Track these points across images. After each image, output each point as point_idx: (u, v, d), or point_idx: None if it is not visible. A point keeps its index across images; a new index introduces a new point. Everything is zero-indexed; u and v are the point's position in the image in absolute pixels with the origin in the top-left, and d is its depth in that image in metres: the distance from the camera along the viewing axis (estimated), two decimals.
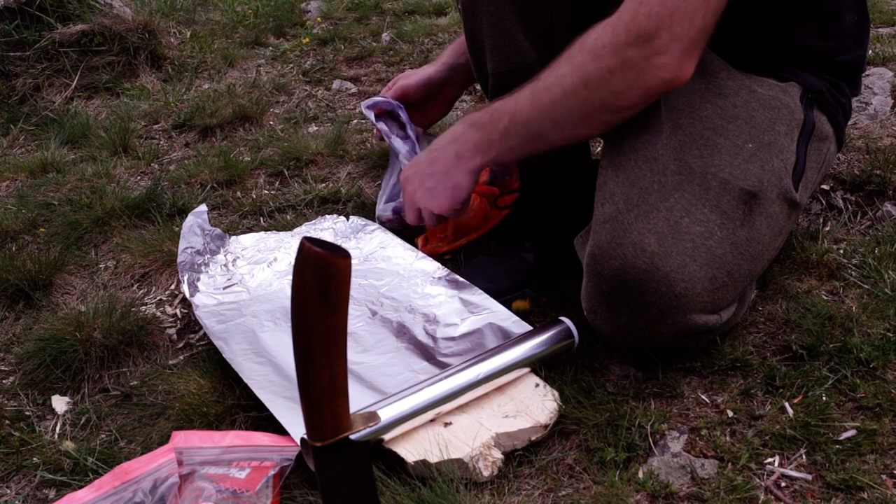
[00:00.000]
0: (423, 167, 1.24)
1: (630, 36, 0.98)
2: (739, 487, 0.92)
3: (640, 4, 0.97)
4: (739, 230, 1.05)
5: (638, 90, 1.01)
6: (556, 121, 1.07)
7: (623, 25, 0.98)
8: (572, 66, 1.04)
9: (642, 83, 1.00)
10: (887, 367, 1.06)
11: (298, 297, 0.76)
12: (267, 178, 1.88)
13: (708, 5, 0.97)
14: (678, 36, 0.96)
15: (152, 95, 2.47)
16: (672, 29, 0.96)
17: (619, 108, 1.04)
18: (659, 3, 0.96)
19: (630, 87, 1.01)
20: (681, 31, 0.96)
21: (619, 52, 0.99)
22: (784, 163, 1.11)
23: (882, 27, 2.24)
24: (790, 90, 1.16)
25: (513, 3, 1.16)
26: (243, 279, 1.40)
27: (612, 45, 0.99)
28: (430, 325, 1.22)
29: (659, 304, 1.01)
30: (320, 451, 0.85)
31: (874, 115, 1.67)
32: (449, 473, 0.96)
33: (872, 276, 1.22)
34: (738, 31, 1.16)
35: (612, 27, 1.00)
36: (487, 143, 1.16)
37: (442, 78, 1.55)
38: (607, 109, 1.04)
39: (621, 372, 1.13)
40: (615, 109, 1.04)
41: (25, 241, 1.68)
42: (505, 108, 1.12)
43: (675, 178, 1.04)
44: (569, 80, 1.04)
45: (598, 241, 1.04)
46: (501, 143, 1.14)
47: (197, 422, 1.11)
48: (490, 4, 1.18)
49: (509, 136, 1.12)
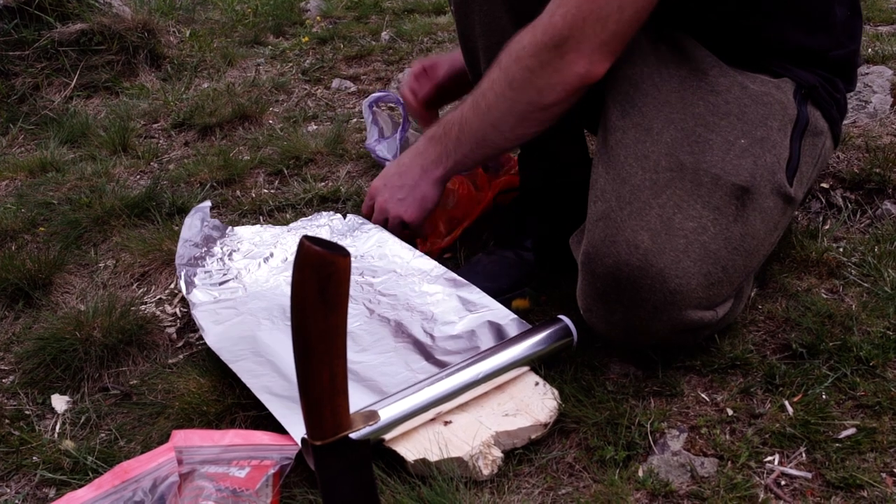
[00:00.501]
0: (393, 180, 1.31)
1: (546, 37, 1.05)
2: (739, 486, 0.92)
3: (558, 6, 1.05)
4: (733, 225, 1.05)
5: (558, 86, 1.08)
6: (494, 124, 1.15)
7: (541, 27, 1.06)
8: (500, 70, 1.11)
9: (560, 79, 1.07)
10: (887, 365, 1.06)
11: (298, 295, 0.76)
12: (266, 177, 1.88)
13: (622, 13, 1.03)
14: (589, 37, 1.04)
15: (152, 94, 2.47)
16: (584, 30, 1.03)
17: (547, 106, 1.10)
18: (575, 6, 1.03)
19: (550, 85, 1.07)
20: (592, 33, 1.03)
21: (537, 53, 1.06)
22: (777, 158, 1.11)
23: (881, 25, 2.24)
24: (783, 86, 1.16)
25: (504, 2, 1.17)
26: (239, 274, 1.40)
27: (530, 45, 1.07)
28: (429, 324, 1.22)
29: (654, 301, 1.01)
30: (320, 449, 0.85)
31: (874, 114, 1.67)
32: (449, 472, 0.96)
33: (872, 274, 1.23)
34: (728, 28, 1.17)
35: (533, 29, 1.07)
36: (445, 153, 1.23)
37: None
38: (535, 107, 1.10)
39: (621, 370, 1.13)
40: (543, 107, 1.10)
41: (25, 240, 1.68)
42: (454, 119, 1.20)
43: (667, 174, 1.05)
44: (498, 84, 1.12)
45: (592, 239, 1.04)
46: (456, 152, 1.22)
47: (197, 421, 1.11)
48: (482, 4, 1.18)
49: (462, 145, 1.20)
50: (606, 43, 1.05)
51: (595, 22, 1.03)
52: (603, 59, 1.06)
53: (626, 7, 1.03)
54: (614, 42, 1.05)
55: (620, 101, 1.12)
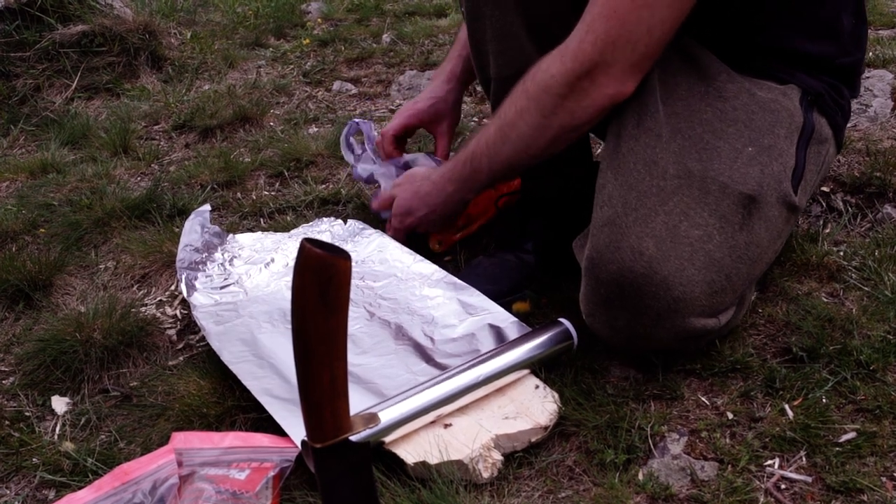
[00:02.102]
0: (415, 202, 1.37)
1: (576, 64, 1.06)
2: (739, 489, 0.92)
3: (587, 32, 1.05)
4: (738, 234, 1.05)
5: (590, 108, 1.09)
6: (527, 150, 1.16)
7: (570, 54, 1.06)
8: (528, 99, 1.12)
9: (591, 102, 1.08)
10: (887, 369, 1.06)
11: (299, 298, 0.76)
12: (267, 179, 1.88)
13: (651, 35, 1.03)
14: (619, 60, 1.05)
15: (153, 96, 2.47)
16: (614, 55, 1.04)
17: (578, 126, 1.12)
18: (604, 31, 1.03)
19: (582, 107, 1.09)
20: (622, 56, 1.04)
21: (568, 82, 1.07)
22: (783, 166, 1.11)
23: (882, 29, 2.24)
24: (790, 93, 1.16)
25: (516, 6, 1.17)
26: (240, 279, 1.40)
27: (560, 74, 1.07)
28: (429, 327, 1.22)
29: (657, 308, 1.01)
30: (320, 452, 0.85)
31: (874, 118, 1.67)
32: (449, 475, 0.96)
33: (872, 278, 1.22)
34: (734, 35, 1.17)
35: (561, 57, 1.08)
36: (473, 183, 1.27)
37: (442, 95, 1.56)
38: (567, 129, 1.12)
39: (621, 374, 1.13)
40: (574, 128, 1.12)
41: (25, 241, 1.68)
42: (480, 152, 1.21)
43: (674, 181, 1.04)
44: (529, 113, 1.12)
45: (597, 244, 1.04)
46: (489, 179, 1.25)
47: (197, 423, 1.11)
48: (494, 9, 1.18)
49: (494, 173, 1.23)
50: (636, 64, 1.06)
51: (625, 45, 1.03)
52: (633, 79, 1.07)
53: (655, 29, 1.03)
54: (644, 62, 1.06)
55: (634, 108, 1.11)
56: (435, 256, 1.44)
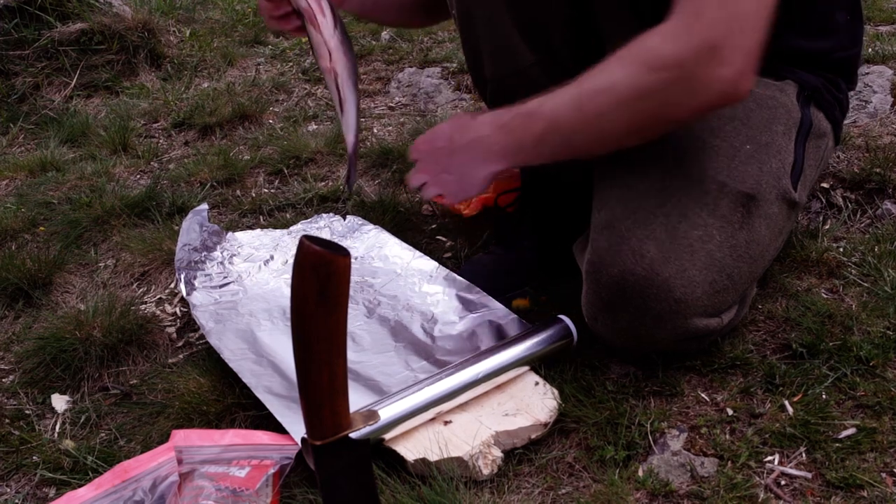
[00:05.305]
0: (443, 156, 1.12)
1: (692, 45, 0.91)
2: (739, 486, 0.92)
3: (698, 13, 0.91)
4: (738, 233, 1.05)
5: (695, 103, 0.95)
6: (600, 131, 1.00)
7: (685, 34, 0.92)
8: (625, 74, 0.96)
9: (700, 96, 0.94)
10: (887, 365, 1.06)
11: (298, 295, 0.76)
12: (266, 177, 1.88)
13: (760, 14, 0.92)
14: (740, 46, 0.91)
15: (152, 94, 2.47)
16: (734, 39, 0.90)
17: (668, 122, 0.99)
18: (717, 7, 0.90)
19: (687, 100, 0.95)
20: (741, 41, 0.91)
21: (680, 63, 0.92)
22: (782, 163, 1.10)
23: (882, 25, 2.24)
24: (786, 88, 1.16)
25: (508, 8, 1.15)
26: (240, 277, 1.40)
27: (673, 55, 0.92)
28: (428, 324, 1.22)
29: (659, 310, 1.00)
30: (320, 449, 0.84)
31: (874, 114, 1.67)
32: (449, 472, 0.96)
33: (872, 274, 1.22)
34: None
35: (673, 36, 0.92)
36: (517, 148, 1.05)
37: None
38: (656, 121, 0.98)
39: (621, 370, 1.13)
40: (664, 123, 0.99)
41: (25, 239, 1.68)
42: (540, 113, 1.02)
43: (673, 182, 1.04)
44: (621, 89, 0.96)
45: (597, 247, 1.03)
46: (533, 149, 1.04)
47: (197, 420, 1.11)
48: (485, 10, 1.17)
49: (544, 143, 1.03)
50: (755, 52, 0.93)
51: (743, 27, 0.90)
52: (750, 72, 0.93)
53: (763, 9, 0.92)
54: (758, 50, 0.93)
55: None
56: (435, 254, 1.44)
